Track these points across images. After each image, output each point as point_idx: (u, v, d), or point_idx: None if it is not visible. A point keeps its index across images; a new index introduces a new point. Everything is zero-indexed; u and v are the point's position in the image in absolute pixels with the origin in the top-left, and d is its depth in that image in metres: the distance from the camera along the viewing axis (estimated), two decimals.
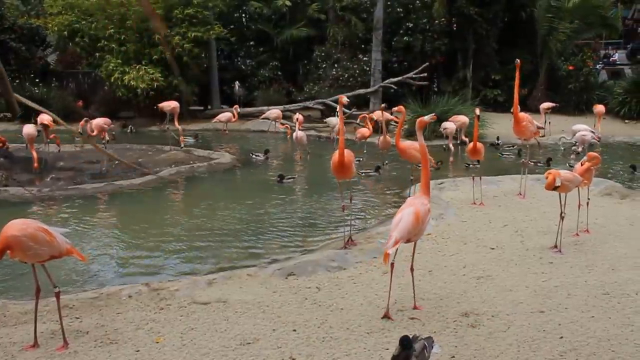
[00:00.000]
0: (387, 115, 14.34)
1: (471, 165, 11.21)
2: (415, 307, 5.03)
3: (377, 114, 14.02)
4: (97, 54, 18.44)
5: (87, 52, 19.10)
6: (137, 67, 17.71)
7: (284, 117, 16.17)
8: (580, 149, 10.86)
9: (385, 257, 4.62)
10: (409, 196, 8.39)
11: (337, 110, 6.47)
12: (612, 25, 21.55)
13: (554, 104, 15.54)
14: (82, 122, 12.31)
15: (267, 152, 13.11)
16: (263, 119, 16.36)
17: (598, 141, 11.28)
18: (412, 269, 5.14)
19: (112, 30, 17.88)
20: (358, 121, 8.74)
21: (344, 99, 6.81)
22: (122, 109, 19.37)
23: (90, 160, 10.96)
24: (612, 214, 8.00)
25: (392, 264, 4.84)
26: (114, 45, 18.04)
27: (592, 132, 11.08)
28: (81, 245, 6.66)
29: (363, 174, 10.97)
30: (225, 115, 15.34)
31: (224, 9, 20.84)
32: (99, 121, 12.03)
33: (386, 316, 4.83)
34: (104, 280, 5.95)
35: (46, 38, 22.04)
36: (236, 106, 16.18)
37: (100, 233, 7.65)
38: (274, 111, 15.81)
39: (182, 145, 13.43)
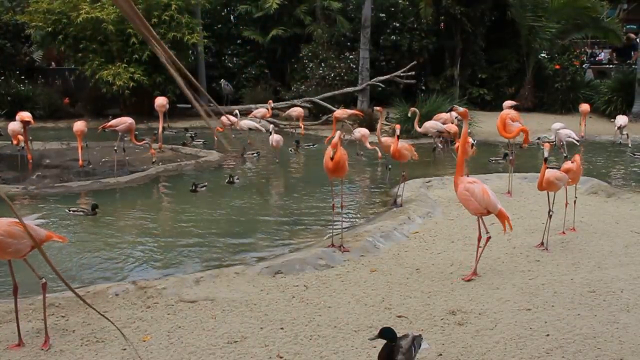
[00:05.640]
0: (348, 111, 14.42)
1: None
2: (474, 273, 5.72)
3: (338, 112, 14.16)
4: (80, 54, 18.31)
5: (72, 50, 18.96)
6: (119, 64, 17.64)
7: (272, 115, 16.09)
8: (551, 139, 11.19)
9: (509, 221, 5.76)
10: (398, 194, 8.47)
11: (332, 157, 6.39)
12: (610, 29, 21.57)
13: (515, 103, 15.60)
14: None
15: (244, 150, 12.99)
16: (287, 115, 16.21)
17: (577, 142, 11.42)
18: (479, 239, 5.76)
19: (89, 31, 17.76)
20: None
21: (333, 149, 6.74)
22: (108, 106, 19.26)
23: (77, 158, 10.86)
24: (598, 213, 8.07)
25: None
26: (95, 45, 17.93)
27: (569, 135, 11.26)
28: (67, 243, 6.59)
29: (493, 161, 11.55)
30: (260, 111, 15.16)
31: (209, 6, 20.73)
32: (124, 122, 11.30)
33: (474, 274, 5.68)
34: (90, 279, 5.90)
35: (31, 35, 21.84)
36: (270, 101, 16.05)
37: (86, 231, 7.60)
38: (297, 109, 15.72)
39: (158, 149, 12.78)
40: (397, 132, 8.13)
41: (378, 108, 11.17)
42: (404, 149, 8.28)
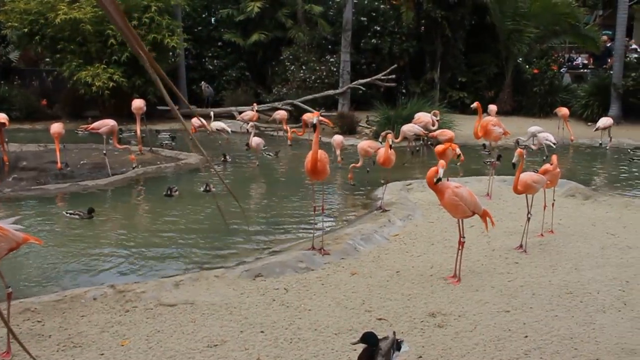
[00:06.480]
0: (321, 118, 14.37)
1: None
2: (454, 276, 5.75)
3: (307, 115, 14.25)
4: (58, 55, 18.12)
5: (49, 51, 18.76)
6: (98, 65, 17.48)
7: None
8: (526, 142, 11.39)
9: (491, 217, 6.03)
10: (380, 198, 8.49)
11: (314, 122, 6.46)
12: (589, 37, 21.82)
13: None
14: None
15: (225, 156, 12.76)
16: (272, 119, 16.19)
17: (554, 144, 11.61)
18: (460, 242, 5.81)
19: (67, 32, 17.61)
20: (380, 140, 8.91)
21: (317, 115, 6.73)
22: (87, 108, 19.06)
23: (54, 160, 10.73)
24: (576, 215, 8.17)
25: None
26: (73, 46, 17.77)
27: (547, 138, 11.54)
28: (45, 247, 6.51)
29: (488, 163, 11.30)
30: (247, 114, 15.24)
31: (188, 8, 20.63)
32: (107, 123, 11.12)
33: (456, 276, 5.73)
34: (68, 283, 5.83)
35: (7, 35, 21.56)
36: (254, 104, 16.20)
37: (63, 234, 7.51)
38: (281, 112, 15.71)
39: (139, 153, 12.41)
40: (390, 141, 8.14)
41: (383, 133, 11.25)
42: (392, 155, 8.30)
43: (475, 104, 9.61)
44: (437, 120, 12.78)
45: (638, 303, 5.16)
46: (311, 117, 14.17)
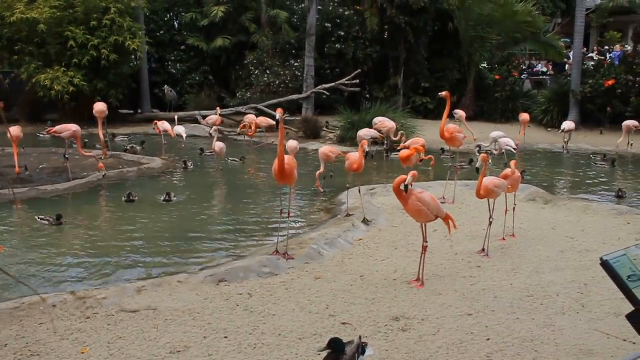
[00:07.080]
0: (270, 121, 14.26)
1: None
2: (418, 280, 5.79)
3: (260, 119, 14.41)
4: (16, 57, 17.71)
5: (6, 52, 18.32)
6: (57, 68, 17.11)
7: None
8: (488, 147, 11.64)
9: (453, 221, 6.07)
10: (344, 203, 8.51)
11: (278, 119, 6.46)
12: (551, 45, 22.27)
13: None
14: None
15: (186, 163, 12.53)
16: (247, 125, 16.14)
17: (514, 150, 11.85)
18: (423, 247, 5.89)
19: (25, 33, 17.22)
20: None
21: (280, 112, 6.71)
22: (46, 111, 18.66)
23: (12, 164, 10.47)
24: (536, 219, 8.31)
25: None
26: (31, 48, 17.39)
27: (507, 144, 11.81)
28: (4, 253, 6.35)
29: (459, 166, 11.05)
30: (212, 118, 15.30)
31: (147, 11, 20.39)
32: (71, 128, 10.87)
33: (419, 280, 5.77)
34: (26, 290, 5.68)
35: None
36: (218, 108, 16.27)
37: (21, 240, 7.34)
38: (250, 116, 15.64)
39: (103, 157, 12.20)
40: (366, 148, 8.19)
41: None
42: (363, 161, 8.33)
43: (444, 93, 9.71)
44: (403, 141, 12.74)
45: (596, 305, 5.28)
46: (262, 121, 14.28)
